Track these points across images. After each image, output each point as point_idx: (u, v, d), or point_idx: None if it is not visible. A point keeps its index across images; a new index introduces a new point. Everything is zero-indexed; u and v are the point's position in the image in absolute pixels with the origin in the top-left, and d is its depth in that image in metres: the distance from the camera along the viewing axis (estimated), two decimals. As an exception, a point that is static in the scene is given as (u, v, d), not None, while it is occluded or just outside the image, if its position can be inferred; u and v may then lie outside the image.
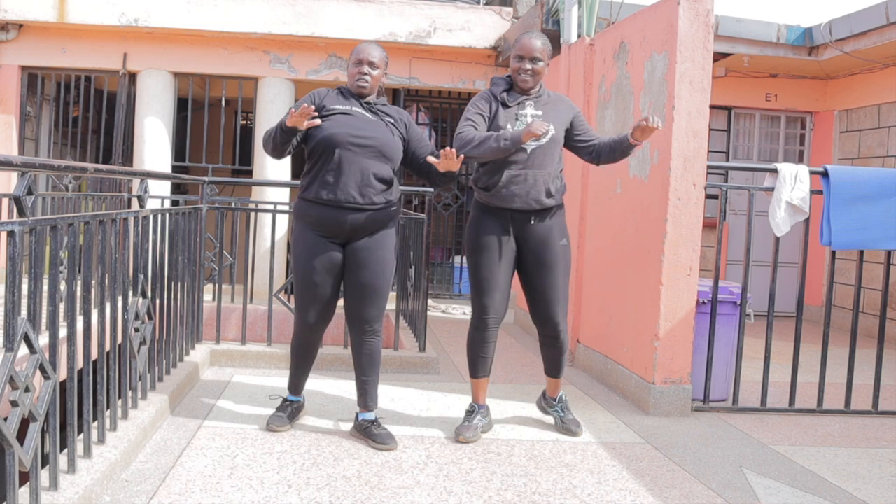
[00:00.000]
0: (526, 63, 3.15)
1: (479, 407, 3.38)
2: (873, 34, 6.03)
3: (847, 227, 3.81)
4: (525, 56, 3.15)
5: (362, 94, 3.16)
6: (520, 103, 3.21)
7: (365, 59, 3.12)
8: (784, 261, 6.98)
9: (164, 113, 7.57)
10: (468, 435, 3.24)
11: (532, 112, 3.20)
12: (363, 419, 3.21)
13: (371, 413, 3.22)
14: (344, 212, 3.05)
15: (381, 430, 3.16)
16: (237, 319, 5.39)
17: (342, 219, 3.05)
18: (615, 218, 4.44)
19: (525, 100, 3.22)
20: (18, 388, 1.97)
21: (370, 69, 3.12)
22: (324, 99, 3.14)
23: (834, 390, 4.17)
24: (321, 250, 3.10)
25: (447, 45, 7.46)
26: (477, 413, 3.36)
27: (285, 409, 3.32)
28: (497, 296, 3.25)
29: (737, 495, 2.77)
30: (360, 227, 3.08)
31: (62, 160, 3.69)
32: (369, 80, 3.13)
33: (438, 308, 7.38)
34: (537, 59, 3.16)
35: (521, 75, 3.17)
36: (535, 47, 3.15)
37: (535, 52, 3.15)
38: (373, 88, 3.17)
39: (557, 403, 3.49)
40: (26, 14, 7.00)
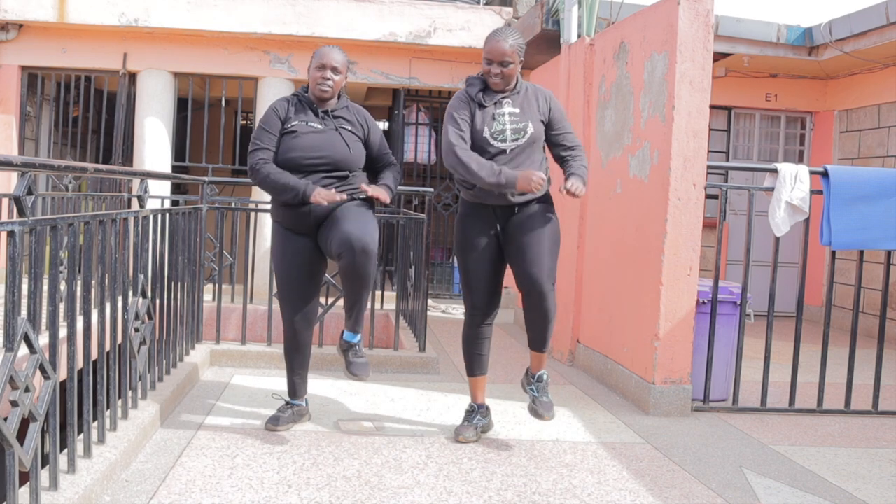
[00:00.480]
0: (495, 67, 3.10)
1: (478, 407, 3.37)
2: (873, 34, 6.03)
3: (847, 227, 3.81)
4: (493, 60, 3.09)
5: (323, 100, 3.17)
6: (497, 102, 3.16)
7: (328, 63, 3.11)
8: (784, 261, 6.98)
9: (164, 113, 7.57)
10: (468, 435, 3.24)
11: (510, 110, 3.15)
12: (346, 340, 3.19)
13: (355, 336, 3.17)
14: (307, 210, 3.09)
15: (357, 357, 3.14)
16: (237, 319, 5.39)
17: (305, 211, 3.09)
18: (615, 218, 4.44)
19: (502, 98, 3.17)
20: (18, 388, 1.97)
21: (333, 74, 3.12)
22: (288, 112, 3.17)
23: (834, 390, 4.17)
24: (294, 244, 3.16)
25: (447, 45, 7.46)
26: (476, 413, 3.35)
27: (285, 411, 3.32)
28: (487, 292, 3.25)
29: (737, 495, 2.77)
30: (324, 213, 3.10)
31: (62, 160, 3.69)
32: (332, 86, 3.13)
33: (438, 308, 7.38)
34: (507, 63, 3.08)
35: (492, 78, 3.13)
36: (504, 51, 3.07)
37: (505, 55, 3.07)
38: (334, 94, 3.17)
39: (535, 382, 3.30)
40: (26, 14, 7.00)
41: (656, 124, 3.92)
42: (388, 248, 8.08)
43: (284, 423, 3.26)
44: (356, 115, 3.23)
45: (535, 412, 3.24)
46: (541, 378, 3.31)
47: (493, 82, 3.14)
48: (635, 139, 4.20)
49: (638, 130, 4.17)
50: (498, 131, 3.14)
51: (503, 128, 3.14)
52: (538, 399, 3.27)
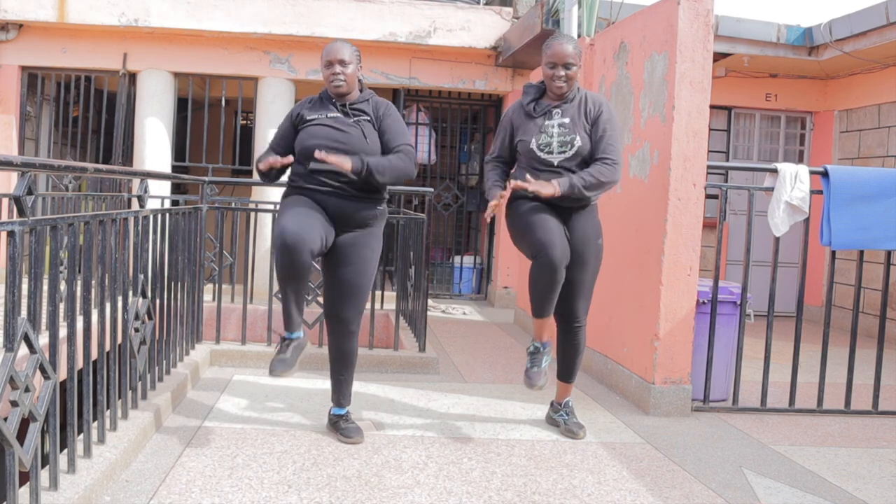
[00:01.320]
0: (559, 70, 3.09)
1: (542, 345, 3.20)
2: (873, 34, 6.03)
3: (847, 227, 3.81)
4: (558, 63, 3.09)
5: (340, 95, 3.15)
6: (546, 112, 3.16)
7: (335, 58, 3.11)
8: (784, 261, 6.98)
9: (164, 113, 7.57)
10: (541, 382, 3.15)
11: (560, 121, 3.13)
12: (334, 414, 3.28)
13: (343, 409, 3.28)
14: (327, 195, 3.04)
15: (348, 424, 3.22)
16: (237, 319, 5.39)
17: (327, 200, 3.05)
18: (615, 218, 4.44)
19: (552, 107, 3.16)
20: (18, 388, 1.97)
21: (342, 67, 3.11)
22: (302, 110, 3.17)
23: (834, 390, 4.17)
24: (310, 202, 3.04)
25: (447, 45, 7.45)
26: (542, 353, 3.20)
27: (285, 349, 3.02)
28: (556, 234, 3.02)
29: (737, 495, 2.77)
30: (343, 213, 3.06)
31: (62, 160, 3.69)
32: (344, 79, 3.11)
33: (438, 308, 7.38)
34: (570, 65, 3.09)
35: (556, 82, 3.11)
36: (568, 52, 3.08)
37: (568, 57, 3.08)
38: (350, 86, 3.14)
39: (563, 408, 3.47)
40: (26, 14, 7.00)
41: (656, 124, 3.92)
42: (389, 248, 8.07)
43: (287, 365, 2.97)
44: (374, 108, 3.18)
45: (570, 432, 3.36)
46: (567, 404, 3.48)
47: (558, 86, 3.12)
48: (635, 139, 4.20)
49: (638, 130, 4.17)
50: (545, 143, 3.13)
51: (550, 140, 3.13)
52: (569, 421, 3.42)
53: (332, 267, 3.16)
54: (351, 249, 3.12)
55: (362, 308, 3.22)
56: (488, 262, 8.46)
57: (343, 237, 3.12)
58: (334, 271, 3.15)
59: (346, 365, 3.26)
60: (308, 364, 4.45)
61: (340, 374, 3.27)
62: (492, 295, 8.11)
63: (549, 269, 2.99)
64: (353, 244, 3.12)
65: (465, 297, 8.44)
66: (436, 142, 8.55)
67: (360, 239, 3.13)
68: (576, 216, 3.19)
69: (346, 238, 3.12)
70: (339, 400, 3.28)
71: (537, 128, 3.16)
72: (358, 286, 3.15)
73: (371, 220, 3.14)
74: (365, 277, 3.16)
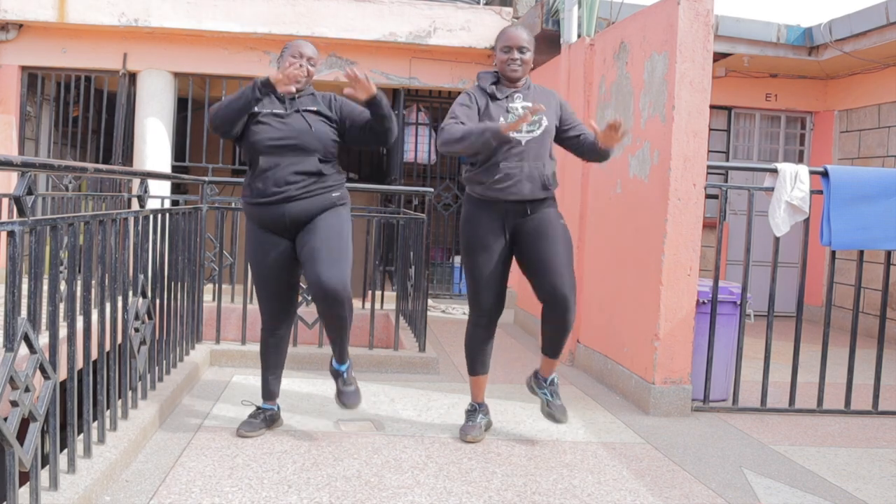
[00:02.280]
0: (514, 53, 3.14)
1: (478, 406, 3.38)
2: (873, 34, 6.03)
3: (847, 227, 3.81)
4: (513, 46, 3.14)
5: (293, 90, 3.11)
6: (508, 96, 3.20)
7: (305, 53, 3.14)
8: (784, 261, 6.98)
9: (164, 113, 7.56)
10: (475, 434, 3.24)
11: (522, 104, 3.18)
12: (335, 368, 3.25)
13: (343, 364, 3.23)
14: (279, 206, 3.04)
15: (347, 386, 3.21)
16: (237, 319, 5.39)
17: (280, 212, 3.04)
18: (615, 218, 4.44)
19: (514, 92, 3.20)
20: (18, 388, 1.97)
21: (308, 64, 3.13)
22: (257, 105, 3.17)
23: (834, 390, 4.17)
24: (270, 244, 3.10)
25: (447, 45, 7.45)
26: (479, 412, 3.36)
27: (257, 416, 3.21)
28: (493, 293, 3.23)
29: (737, 495, 2.77)
30: (300, 215, 3.06)
31: (62, 160, 3.69)
32: (304, 73, 3.11)
33: (438, 308, 7.38)
34: (525, 49, 3.15)
35: (511, 65, 3.16)
36: (522, 37, 3.15)
37: (523, 41, 3.15)
38: (306, 83, 3.16)
39: (548, 385, 3.33)
40: (26, 14, 7.00)
41: (656, 124, 3.92)
42: (389, 248, 8.08)
43: (257, 428, 3.16)
44: (322, 100, 3.19)
45: (552, 416, 3.29)
46: (552, 382, 3.36)
47: (512, 69, 3.17)
48: (635, 139, 4.20)
49: (638, 130, 4.17)
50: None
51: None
52: (552, 402, 3.32)
53: (300, 245, 3.08)
54: (312, 224, 3.06)
55: (345, 272, 3.01)
56: (488, 262, 8.44)
57: (304, 228, 3.08)
58: (303, 245, 3.06)
59: (340, 326, 3.11)
60: (308, 364, 4.45)
61: (335, 338, 3.16)
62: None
63: (482, 330, 3.27)
64: (314, 223, 3.07)
65: (464, 296, 8.39)
66: (436, 142, 8.54)
67: (320, 217, 3.08)
68: (532, 210, 3.18)
69: (308, 225, 3.08)
70: (340, 356, 3.23)
71: (503, 109, 3.18)
72: (330, 248, 3.01)
73: (327, 208, 3.11)
74: (334, 240, 3.03)
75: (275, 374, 3.27)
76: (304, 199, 3.06)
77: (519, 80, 3.21)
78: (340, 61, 7.64)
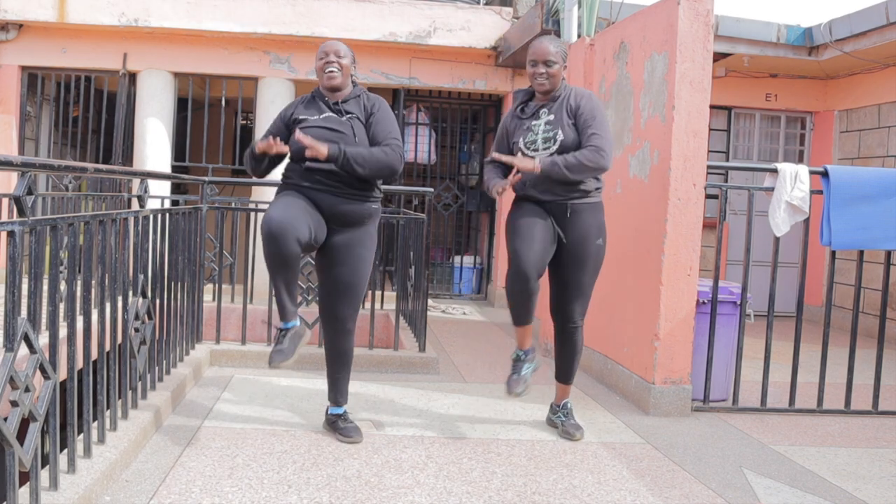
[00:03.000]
0: (540, 67, 3.15)
1: (524, 353, 3.27)
2: (873, 34, 6.03)
3: (847, 227, 3.81)
4: (538, 60, 3.15)
5: (333, 88, 3.13)
6: (534, 113, 3.23)
7: (330, 50, 3.13)
8: (784, 261, 6.98)
9: (164, 113, 7.57)
10: (519, 390, 3.19)
11: (546, 119, 3.19)
12: (332, 413, 3.27)
13: (340, 408, 3.27)
14: (320, 193, 3.04)
15: (347, 423, 3.21)
16: (237, 319, 5.39)
17: (320, 198, 3.05)
18: (615, 218, 4.43)
19: (540, 107, 3.23)
20: (18, 388, 1.97)
21: (337, 58, 3.11)
22: (294, 109, 3.18)
23: (834, 390, 4.17)
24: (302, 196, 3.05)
25: (447, 45, 7.45)
26: (524, 361, 3.25)
27: (282, 340, 3.00)
28: (533, 244, 3.08)
29: (737, 495, 2.77)
30: (337, 212, 3.06)
31: (62, 160, 3.69)
32: (339, 70, 3.10)
33: (438, 308, 7.38)
34: (551, 62, 3.14)
35: (537, 79, 3.17)
36: (548, 51, 3.14)
37: (549, 55, 3.14)
38: (344, 79, 3.13)
39: (561, 409, 3.47)
40: (26, 14, 7.00)
41: (656, 124, 3.92)
42: (389, 248, 8.08)
43: (285, 355, 2.96)
44: (362, 104, 3.17)
45: (567, 434, 3.35)
46: (566, 406, 3.47)
47: (539, 83, 3.18)
48: (635, 139, 4.20)
49: (638, 130, 4.17)
50: (530, 141, 3.19)
51: (535, 137, 3.18)
52: (567, 422, 3.41)
53: (326, 267, 3.16)
54: (345, 249, 3.12)
55: (358, 306, 3.22)
56: (488, 262, 8.47)
57: (337, 237, 3.11)
58: (329, 272, 3.15)
59: (342, 364, 3.26)
60: (308, 364, 4.45)
61: (337, 374, 3.27)
62: (492, 295, 8.11)
63: (519, 280, 3.07)
64: (347, 244, 3.12)
65: (465, 297, 8.44)
66: (436, 142, 8.55)
67: (354, 238, 3.13)
68: (574, 215, 3.19)
69: (340, 238, 3.11)
70: (336, 399, 3.29)
71: (526, 128, 3.22)
72: (353, 285, 3.15)
73: (365, 218, 3.14)
74: (360, 276, 3.16)
75: (285, 288, 2.97)
76: (345, 200, 3.06)
77: (549, 93, 3.21)
78: (340, 61, 7.63)
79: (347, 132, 3.07)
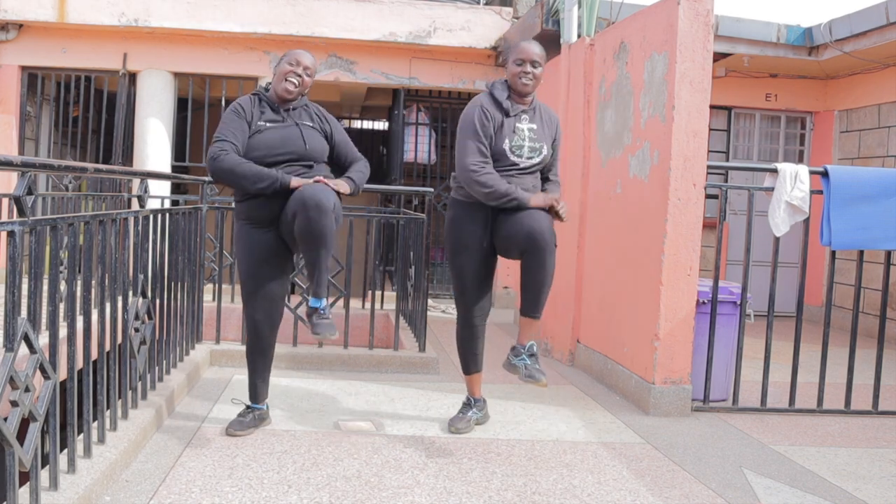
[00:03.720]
0: (527, 66, 3.14)
1: (474, 400, 3.45)
2: (873, 34, 6.03)
3: (847, 227, 3.81)
4: (526, 60, 3.15)
5: (286, 100, 3.14)
6: (517, 115, 3.20)
7: (303, 62, 3.13)
8: (784, 261, 6.98)
9: (164, 113, 7.57)
10: (460, 426, 3.31)
11: (528, 125, 3.19)
12: (311, 305, 3.08)
13: (319, 300, 3.04)
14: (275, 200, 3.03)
15: (322, 319, 3.03)
16: (237, 319, 5.39)
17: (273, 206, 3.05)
18: (615, 218, 4.44)
19: (521, 111, 3.21)
20: (18, 388, 1.97)
21: (306, 74, 3.13)
22: (252, 118, 3.13)
23: (834, 390, 4.17)
24: (258, 239, 3.11)
25: (447, 45, 7.45)
26: (472, 406, 3.43)
27: (245, 416, 3.24)
28: (479, 293, 3.29)
29: (737, 495, 2.77)
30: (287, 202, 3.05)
31: (62, 160, 3.69)
32: (298, 82, 3.12)
33: (438, 308, 7.38)
34: (537, 63, 3.16)
35: (522, 79, 3.16)
36: (536, 52, 3.16)
37: (536, 56, 3.15)
38: (298, 94, 3.16)
39: (525, 351, 3.09)
40: (26, 14, 7.00)
41: (656, 124, 3.92)
42: (389, 248, 8.08)
43: (246, 427, 3.19)
44: (315, 112, 3.23)
45: (531, 376, 3.04)
46: (531, 348, 3.10)
47: (523, 83, 3.17)
48: (635, 139, 4.20)
49: (638, 130, 4.17)
50: (517, 146, 3.17)
51: (522, 143, 3.17)
52: (530, 366, 3.06)
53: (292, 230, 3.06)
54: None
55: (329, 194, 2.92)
56: (488, 262, 8.45)
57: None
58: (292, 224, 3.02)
59: (320, 242, 2.91)
60: (308, 364, 4.45)
61: (314, 254, 2.95)
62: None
63: (469, 327, 3.31)
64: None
65: (465, 297, 8.42)
66: (436, 142, 8.55)
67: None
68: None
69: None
70: (315, 289, 3.03)
71: (510, 128, 3.17)
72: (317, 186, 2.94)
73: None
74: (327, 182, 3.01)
75: (262, 378, 3.29)
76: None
77: (528, 96, 3.22)
78: (340, 61, 7.64)
79: (297, 139, 3.11)
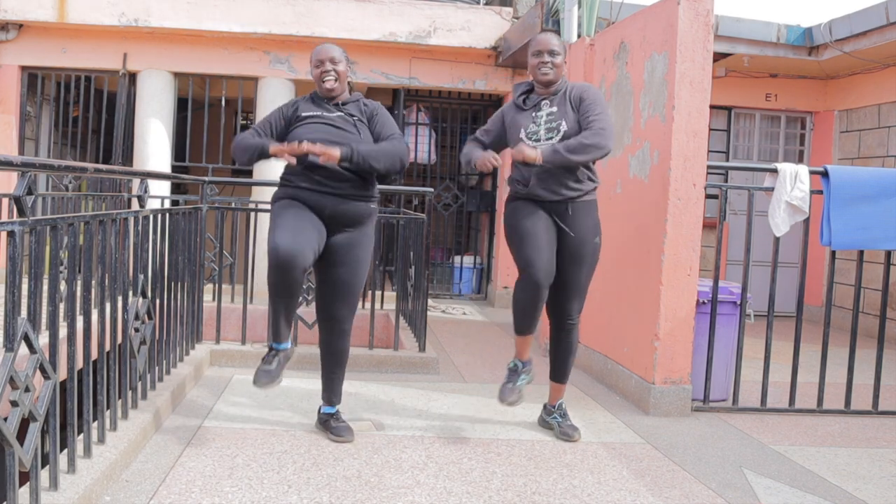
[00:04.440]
0: (544, 56, 3.15)
1: (522, 364, 3.28)
2: (873, 34, 6.03)
3: (847, 227, 3.81)
4: (543, 50, 3.16)
5: (331, 95, 3.16)
6: (536, 105, 3.23)
7: (325, 57, 3.13)
8: (784, 261, 6.98)
9: (164, 113, 7.57)
10: (512, 399, 3.22)
11: (548, 111, 3.19)
12: (324, 412, 3.28)
13: (333, 407, 3.28)
14: (323, 195, 3.04)
15: (339, 423, 3.22)
16: (237, 319, 5.39)
17: (323, 201, 3.04)
18: (615, 218, 4.44)
19: (542, 100, 3.22)
20: (18, 388, 1.97)
21: (333, 65, 3.12)
22: (297, 105, 3.18)
23: (834, 390, 4.17)
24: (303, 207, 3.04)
25: (447, 45, 7.45)
26: (520, 371, 3.27)
27: (271, 360, 3.04)
28: (545, 253, 3.09)
29: (737, 495, 2.77)
30: (338, 214, 3.06)
31: (62, 160, 3.69)
32: (335, 76, 3.13)
33: (438, 308, 7.38)
34: (555, 52, 3.16)
35: (541, 69, 3.16)
36: (552, 41, 3.17)
37: (553, 45, 3.16)
38: (342, 85, 3.16)
39: (556, 410, 3.43)
40: (26, 14, 7.00)
41: (656, 124, 3.92)
42: (389, 248, 8.08)
43: (272, 377, 3.00)
44: (364, 108, 3.21)
45: (566, 435, 3.32)
46: (560, 406, 3.44)
47: (543, 73, 3.18)
48: (635, 139, 4.20)
49: (638, 130, 4.17)
50: (532, 132, 3.19)
51: (538, 128, 3.18)
52: (563, 423, 3.38)
53: (325, 267, 3.15)
54: (344, 250, 3.12)
55: (355, 307, 3.23)
56: (488, 262, 8.47)
57: (336, 237, 3.11)
58: (328, 272, 3.15)
59: (338, 363, 3.27)
60: (308, 364, 4.45)
61: (332, 373, 3.28)
62: (492, 295, 8.11)
63: (532, 289, 3.09)
64: (346, 244, 3.12)
65: (465, 297, 8.44)
66: (436, 142, 8.56)
67: (352, 239, 3.13)
68: (573, 214, 3.18)
69: (340, 238, 3.11)
70: (329, 398, 3.29)
71: (528, 119, 3.22)
72: (352, 286, 3.16)
73: (364, 218, 3.15)
74: (358, 277, 3.17)
75: (283, 313, 3.01)
76: (347, 201, 3.07)
77: (551, 85, 3.21)
78: (340, 61, 7.63)
79: (353, 132, 3.09)
